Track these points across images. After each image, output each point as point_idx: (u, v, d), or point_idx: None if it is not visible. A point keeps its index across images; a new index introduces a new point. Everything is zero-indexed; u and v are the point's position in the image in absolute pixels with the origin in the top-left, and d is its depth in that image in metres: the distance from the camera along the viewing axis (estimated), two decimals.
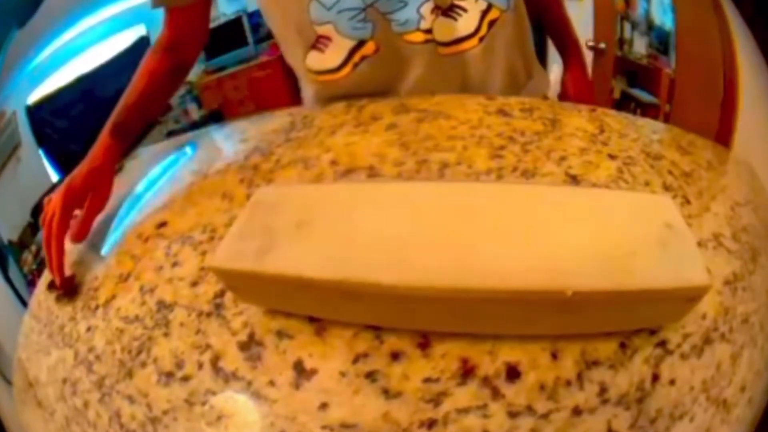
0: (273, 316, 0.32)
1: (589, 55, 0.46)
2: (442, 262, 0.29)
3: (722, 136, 0.44)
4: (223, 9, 0.46)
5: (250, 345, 0.32)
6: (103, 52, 0.45)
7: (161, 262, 0.37)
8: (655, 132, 0.44)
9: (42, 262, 0.43)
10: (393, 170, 0.37)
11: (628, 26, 0.48)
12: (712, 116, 0.45)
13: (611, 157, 0.39)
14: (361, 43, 0.40)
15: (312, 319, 0.32)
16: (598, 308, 0.29)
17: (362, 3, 0.38)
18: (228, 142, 0.44)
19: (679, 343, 0.33)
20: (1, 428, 0.48)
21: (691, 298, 0.30)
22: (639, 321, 0.32)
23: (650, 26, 0.48)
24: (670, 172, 0.39)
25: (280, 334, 0.32)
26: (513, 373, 0.30)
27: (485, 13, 0.41)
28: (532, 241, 0.30)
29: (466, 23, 0.41)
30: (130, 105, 0.42)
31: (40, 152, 0.45)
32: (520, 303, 0.29)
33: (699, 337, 0.33)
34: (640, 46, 0.48)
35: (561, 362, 0.31)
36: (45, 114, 0.45)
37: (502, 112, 0.41)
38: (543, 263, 0.28)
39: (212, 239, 0.37)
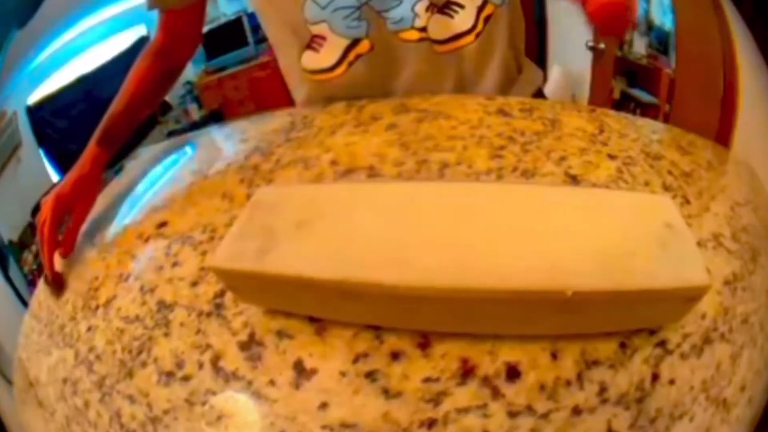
0: (273, 316, 0.32)
1: (588, 55, 0.46)
2: (442, 262, 0.29)
3: (722, 136, 0.44)
4: (223, 9, 0.46)
5: (251, 345, 0.32)
6: (103, 53, 0.45)
7: (161, 262, 0.37)
8: (655, 132, 0.43)
9: (42, 262, 0.43)
10: (393, 170, 0.37)
11: None
12: (712, 116, 0.45)
13: (611, 157, 0.39)
14: (355, 42, 0.40)
15: (312, 319, 0.32)
16: (598, 308, 0.29)
17: (357, 1, 0.38)
18: (228, 142, 0.44)
19: (678, 343, 0.33)
20: (1, 428, 0.48)
21: (691, 298, 0.30)
22: (639, 321, 0.32)
23: (650, 26, 0.48)
24: (669, 172, 0.39)
25: (280, 334, 0.32)
26: (513, 372, 0.30)
27: (481, 8, 0.41)
28: (532, 240, 0.30)
29: (462, 20, 0.41)
30: (119, 113, 0.42)
31: (41, 152, 0.45)
32: (520, 303, 0.29)
33: (699, 337, 0.33)
34: (639, 47, 0.48)
35: (561, 362, 0.31)
36: (45, 114, 0.45)
37: (502, 112, 0.41)
38: (543, 263, 0.28)
39: (212, 239, 0.37)
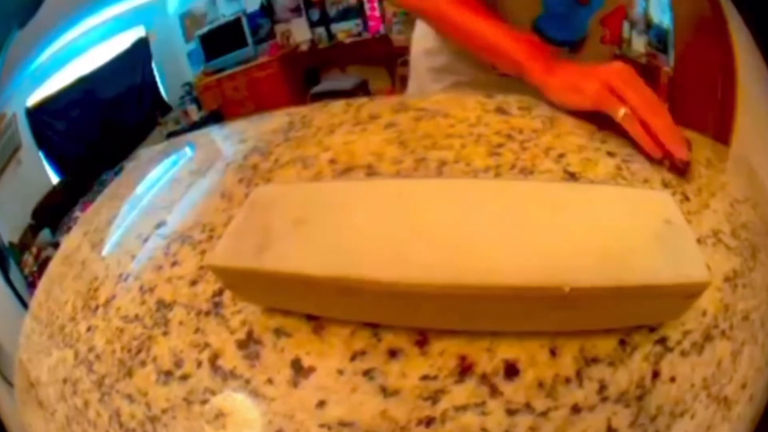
0: (271, 315, 0.32)
1: None
2: (440, 259, 0.29)
3: (721, 134, 0.44)
4: (222, 10, 0.46)
5: (249, 343, 0.32)
6: (103, 53, 0.45)
7: (161, 262, 0.37)
8: None
9: (42, 263, 0.43)
10: (391, 168, 0.37)
11: (626, 25, 0.48)
12: (711, 114, 0.45)
13: (610, 154, 0.39)
14: None
15: (310, 317, 0.32)
16: (597, 304, 0.29)
17: None
18: (227, 143, 0.45)
19: (679, 340, 0.33)
20: (2, 429, 0.48)
21: (691, 294, 0.30)
22: (638, 317, 0.32)
23: (649, 25, 0.48)
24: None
25: (278, 333, 0.32)
26: (511, 370, 0.30)
27: None
28: (531, 237, 0.30)
29: None
30: None
31: (41, 154, 0.45)
32: (518, 299, 0.29)
33: (699, 334, 0.33)
34: (638, 45, 0.48)
35: (560, 359, 0.31)
36: (45, 116, 0.46)
37: (500, 110, 0.41)
38: (541, 260, 0.28)
39: (211, 238, 0.37)
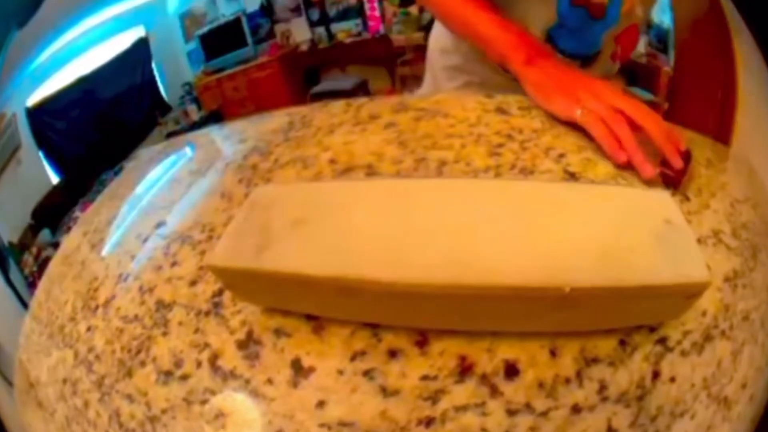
0: (271, 315, 0.32)
1: None
2: (440, 259, 0.29)
3: (721, 134, 0.44)
4: (222, 10, 0.46)
5: (249, 343, 0.32)
6: (103, 53, 0.45)
7: (160, 262, 0.37)
8: None
9: (42, 263, 0.43)
10: (391, 168, 0.37)
11: None
12: (712, 114, 0.45)
13: None
14: None
15: (310, 317, 0.32)
16: (597, 304, 0.29)
17: None
18: (227, 143, 0.45)
19: (679, 340, 0.32)
20: (2, 429, 0.48)
21: (691, 294, 0.30)
22: (638, 317, 0.32)
23: (649, 25, 0.48)
24: None
25: (278, 333, 0.32)
26: (511, 370, 0.30)
27: None
28: (530, 237, 0.29)
29: None
30: None
31: (40, 154, 0.45)
32: (518, 299, 0.29)
33: (699, 334, 0.33)
34: (639, 45, 0.48)
35: (560, 359, 0.31)
36: (45, 116, 0.46)
37: (501, 110, 0.41)
38: (541, 259, 0.28)
39: (211, 238, 0.37)
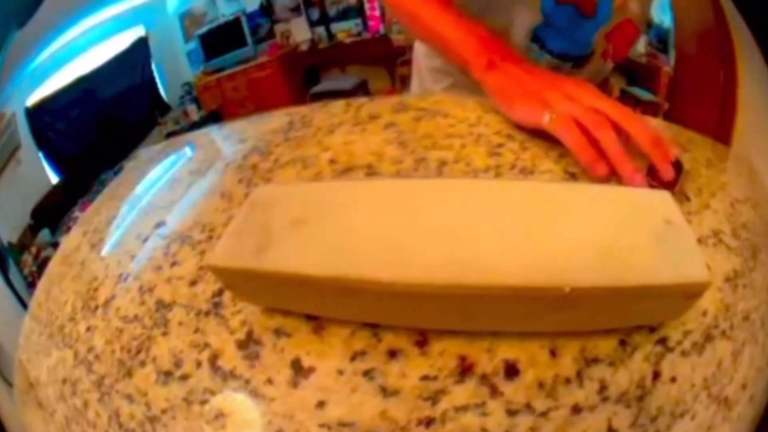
0: (271, 315, 0.32)
1: None
2: (439, 259, 0.28)
3: (722, 134, 0.44)
4: (222, 10, 0.46)
5: (248, 343, 0.32)
6: (103, 53, 0.45)
7: (160, 262, 0.37)
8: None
9: (41, 263, 0.43)
10: (391, 168, 0.37)
11: None
12: (712, 114, 0.45)
13: None
14: None
15: (310, 317, 0.32)
16: (597, 304, 0.29)
17: None
18: (227, 143, 0.45)
19: (679, 340, 0.32)
20: (2, 429, 0.48)
21: (691, 294, 0.30)
22: (638, 318, 0.31)
23: (649, 25, 0.48)
24: None
25: (278, 333, 0.32)
26: (511, 370, 0.30)
27: None
28: (530, 237, 0.29)
29: None
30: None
31: (40, 155, 0.45)
32: (518, 299, 0.28)
33: (700, 335, 0.33)
34: (639, 45, 0.48)
35: (560, 360, 0.31)
36: (45, 116, 0.46)
37: None
38: (541, 259, 0.28)
39: (211, 238, 0.37)
